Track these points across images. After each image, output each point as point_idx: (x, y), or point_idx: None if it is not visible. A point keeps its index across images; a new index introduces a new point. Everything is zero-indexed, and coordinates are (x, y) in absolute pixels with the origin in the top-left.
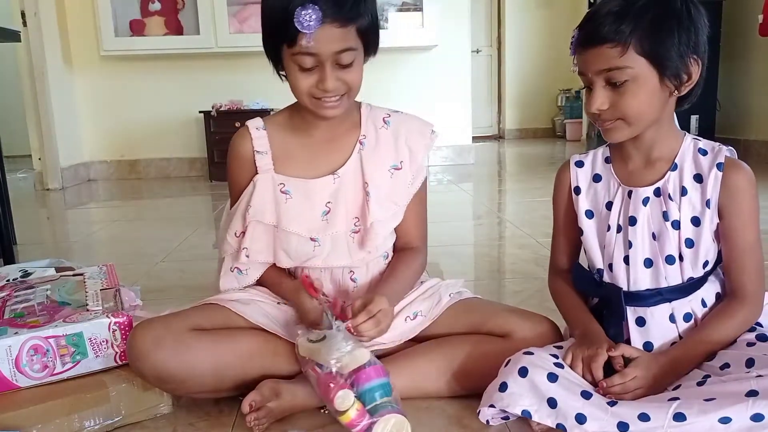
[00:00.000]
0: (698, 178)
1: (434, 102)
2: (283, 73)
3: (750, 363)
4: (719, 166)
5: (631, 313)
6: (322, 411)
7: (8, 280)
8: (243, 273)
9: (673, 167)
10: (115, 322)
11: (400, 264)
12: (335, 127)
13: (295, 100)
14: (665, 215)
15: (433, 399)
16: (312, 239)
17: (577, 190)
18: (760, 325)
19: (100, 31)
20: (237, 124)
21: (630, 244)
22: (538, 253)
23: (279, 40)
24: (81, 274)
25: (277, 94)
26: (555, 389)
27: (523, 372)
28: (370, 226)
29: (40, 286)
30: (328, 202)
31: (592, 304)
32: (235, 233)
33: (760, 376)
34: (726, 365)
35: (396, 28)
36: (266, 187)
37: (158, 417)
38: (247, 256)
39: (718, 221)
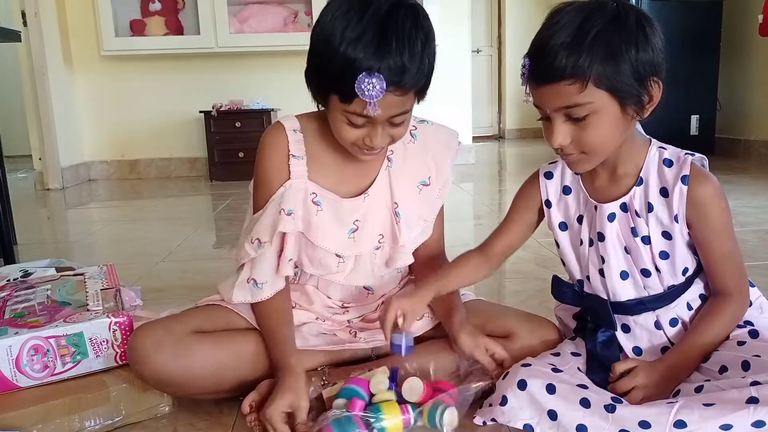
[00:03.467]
0: (664, 192)
1: (434, 102)
2: (321, 106)
3: (746, 366)
4: (684, 179)
5: (616, 320)
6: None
7: (9, 280)
8: (258, 287)
9: (639, 182)
10: (116, 322)
11: (430, 271)
12: None
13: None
14: (634, 231)
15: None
16: (338, 255)
17: (548, 204)
18: (751, 323)
19: (101, 31)
20: (237, 124)
21: (603, 259)
22: (538, 253)
23: (332, 89)
24: (81, 274)
25: (277, 94)
26: (554, 401)
27: (522, 385)
28: (401, 247)
29: (40, 286)
30: (356, 221)
31: (577, 311)
32: (251, 240)
33: (757, 383)
34: (724, 368)
35: None
36: (298, 193)
37: (158, 417)
38: (296, 267)
39: (690, 232)
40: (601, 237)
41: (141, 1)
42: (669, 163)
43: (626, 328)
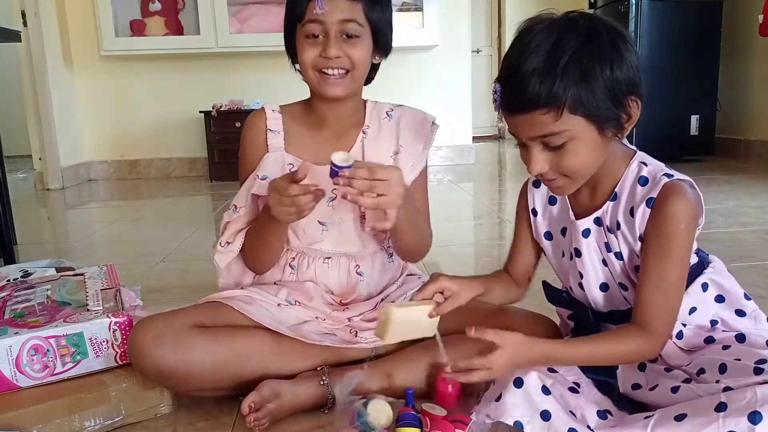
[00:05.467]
0: (631, 212)
1: (434, 102)
2: (297, 66)
3: (723, 368)
4: (648, 201)
5: (604, 329)
6: (323, 411)
7: (8, 280)
8: (223, 246)
9: (613, 197)
10: (116, 322)
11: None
12: (343, 122)
13: (308, 97)
14: (607, 246)
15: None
16: (320, 222)
17: (534, 212)
18: (741, 316)
19: (101, 31)
20: (237, 124)
21: (581, 274)
22: None
23: (293, 20)
24: (81, 274)
25: (277, 94)
26: (549, 402)
27: (519, 383)
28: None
29: (40, 286)
30: (334, 189)
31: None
32: (229, 206)
33: (729, 388)
34: (702, 371)
35: (396, 28)
36: (276, 164)
37: (158, 417)
38: (287, 245)
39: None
40: (578, 253)
41: (141, 1)
42: (644, 181)
43: None
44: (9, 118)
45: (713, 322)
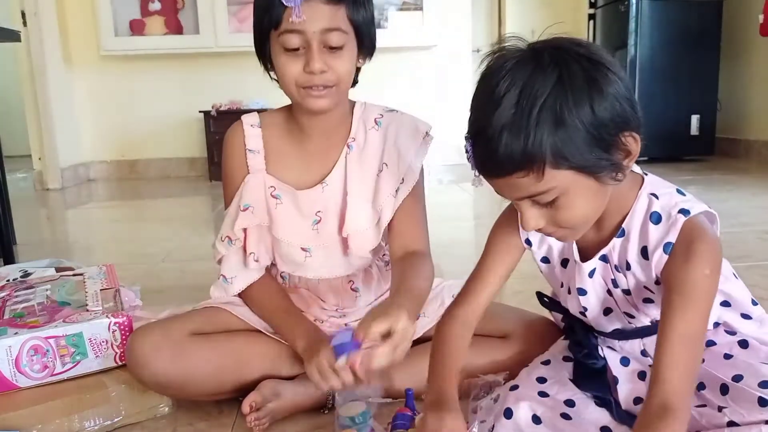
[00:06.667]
0: (644, 253)
1: (434, 102)
2: (273, 73)
3: (724, 390)
4: (666, 247)
5: (601, 341)
6: (323, 411)
7: (8, 280)
8: (228, 281)
9: (620, 233)
10: (115, 323)
11: (408, 271)
12: (328, 135)
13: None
14: (614, 282)
15: None
16: (303, 249)
17: (529, 243)
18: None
19: (100, 31)
20: None
21: (585, 308)
22: None
23: (267, 26)
24: (81, 274)
25: (277, 94)
26: (540, 431)
27: (509, 414)
28: (348, 236)
29: (40, 286)
30: (318, 212)
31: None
32: (221, 237)
33: (733, 423)
34: (702, 385)
35: (396, 28)
36: (258, 188)
37: (158, 417)
38: (257, 260)
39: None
40: (582, 292)
41: (141, 1)
42: (657, 218)
43: (611, 348)
44: (9, 118)
45: (716, 324)
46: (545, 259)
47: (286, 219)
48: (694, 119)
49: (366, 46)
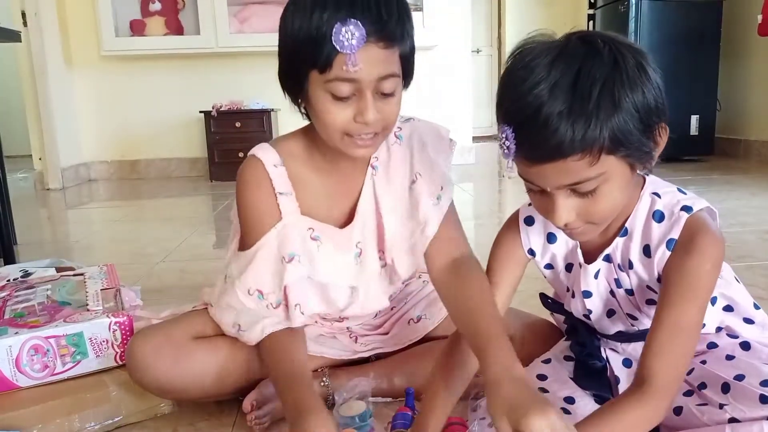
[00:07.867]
0: (647, 251)
1: (434, 102)
2: (303, 107)
3: (726, 388)
4: (669, 243)
5: (603, 343)
6: None
7: (9, 280)
8: (243, 330)
9: (623, 232)
10: (116, 322)
11: (480, 304)
12: (353, 161)
13: (306, 123)
14: (617, 282)
15: None
16: (351, 287)
17: (532, 253)
18: (749, 324)
19: (101, 31)
20: (237, 124)
21: (590, 310)
22: None
23: (307, 65)
24: (81, 274)
25: (277, 94)
26: None
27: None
28: (392, 262)
29: (40, 286)
30: (358, 243)
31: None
32: (249, 291)
33: (734, 419)
34: (703, 385)
35: None
36: (298, 235)
37: (158, 417)
38: (303, 313)
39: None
40: (587, 294)
41: (141, 1)
42: (660, 217)
43: (614, 350)
44: (9, 118)
45: (718, 329)
46: (549, 266)
47: (329, 260)
48: (694, 119)
49: (409, 77)
